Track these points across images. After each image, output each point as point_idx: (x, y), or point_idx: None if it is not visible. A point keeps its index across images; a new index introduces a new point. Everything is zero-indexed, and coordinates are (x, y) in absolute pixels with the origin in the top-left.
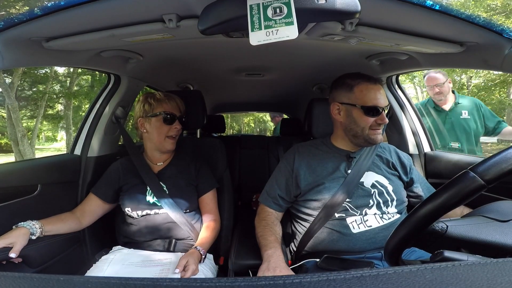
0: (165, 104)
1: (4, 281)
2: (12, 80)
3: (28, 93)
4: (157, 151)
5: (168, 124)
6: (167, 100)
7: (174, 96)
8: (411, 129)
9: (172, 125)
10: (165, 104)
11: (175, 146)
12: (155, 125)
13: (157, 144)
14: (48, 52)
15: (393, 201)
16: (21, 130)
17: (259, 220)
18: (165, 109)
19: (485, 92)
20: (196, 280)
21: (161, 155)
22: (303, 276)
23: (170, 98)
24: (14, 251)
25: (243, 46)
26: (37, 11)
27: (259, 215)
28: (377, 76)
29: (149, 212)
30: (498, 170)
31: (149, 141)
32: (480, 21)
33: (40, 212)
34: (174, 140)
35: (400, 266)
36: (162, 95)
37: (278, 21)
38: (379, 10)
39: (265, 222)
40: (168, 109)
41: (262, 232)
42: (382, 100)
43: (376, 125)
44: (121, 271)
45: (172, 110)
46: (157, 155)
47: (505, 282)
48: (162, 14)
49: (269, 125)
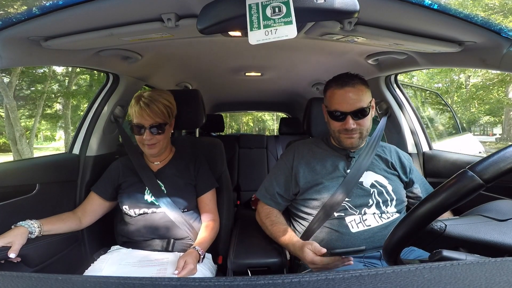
0: (138, 113)
1: (3, 280)
2: (10, 79)
3: (27, 93)
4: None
5: (137, 134)
6: (141, 109)
7: (149, 103)
8: (409, 128)
9: (142, 135)
10: (138, 114)
11: (157, 151)
12: (134, 131)
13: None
14: (46, 52)
15: (392, 201)
16: (20, 130)
17: (263, 219)
18: (136, 119)
19: (483, 91)
20: (194, 279)
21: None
22: (302, 276)
23: (141, 107)
24: (12, 250)
25: (242, 45)
26: (35, 11)
27: (260, 213)
28: (376, 75)
29: (147, 211)
30: (496, 169)
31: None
32: (478, 20)
33: (38, 211)
34: (153, 146)
35: (398, 266)
36: (133, 102)
37: (277, 21)
38: (378, 9)
39: (270, 220)
40: (136, 119)
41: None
42: (346, 105)
43: (344, 131)
44: (118, 271)
45: (140, 120)
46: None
47: (503, 281)
48: (161, 14)
49: (268, 124)
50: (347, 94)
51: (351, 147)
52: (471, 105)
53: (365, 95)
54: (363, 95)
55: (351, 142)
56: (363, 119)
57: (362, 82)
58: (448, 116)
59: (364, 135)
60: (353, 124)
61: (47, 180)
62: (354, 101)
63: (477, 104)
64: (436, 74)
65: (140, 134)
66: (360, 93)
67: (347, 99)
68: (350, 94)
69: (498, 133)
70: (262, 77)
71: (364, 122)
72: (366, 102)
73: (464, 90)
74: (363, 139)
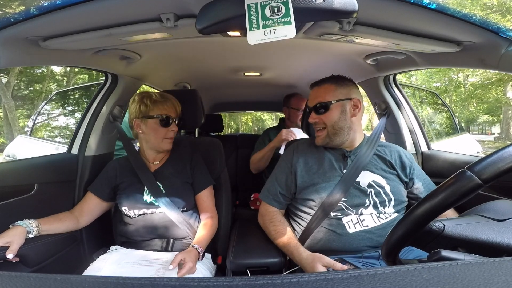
0: (161, 106)
1: (1, 280)
2: (8, 79)
3: (25, 92)
4: (153, 150)
5: (164, 127)
6: (163, 101)
7: (170, 97)
8: (408, 128)
9: (169, 127)
10: (161, 106)
11: (171, 145)
12: (151, 127)
13: (154, 144)
14: (45, 52)
15: (390, 201)
16: (18, 129)
17: (267, 223)
18: (161, 111)
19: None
20: (194, 279)
21: (157, 154)
22: (301, 276)
23: (166, 99)
24: (10, 250)
25: (241, 45)
26: (34, 11)
27: (264, 216)
28: (374, 75)
29: (146, 211)
30: (495, 169)
31: (145, 141)
32: (477, 20)
33: (37, 211)
34: (171, 140)
35: (397, 266)
36: (158, 96)
37: (276, 21)
38: (377, 9)
39: (274, 226)
40: (164, 111)
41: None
42: (310, 101)
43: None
44: (117, 271)
45: (168, 112)
46: (153, 154)
47: (501, 281)
48: (160, 13)
49: (267, 124)
50: (313, 93)
51: (321, 144)
52: (469, 104)
53: (331, 92)
54: (329, 92)
55: (320, 139)
56: (325, 114)
57: (332, 82)
58: (446, 116)
59: (332, 132)
60: (314, 118)
61: (45, 180)
62: (315, 97)
63: (476, 103)
64: (435, 73)
65: (167, 126)
66: (325, 91)
67: (312, 96)
68: (314, 92)
69: (497, 132)
70: (261, 77)
71: (326, 117)
72: (330, 98)
73: (463, 89)
74: (333, 136)
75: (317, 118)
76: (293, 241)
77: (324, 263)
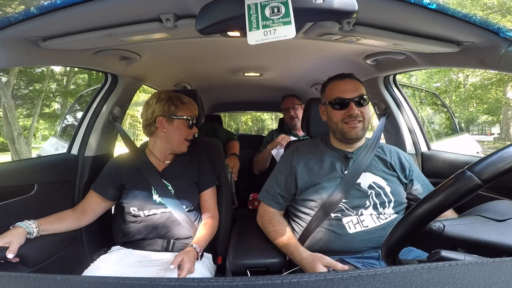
0: (188, 108)
1: (1, 281)
2: (8, 78)
3: (25, 92)
4: (170, 150)
5: (189, 128)
6: (189, 104)
7: (192, 100)
8: (408, 128)
9: (192, 129)
10: (188, 108)
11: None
12: (177, 127)
13: (175, 145)
14: (45, 52)
15: (390, 203)
16: (18, 129)
17: (266, 223)
18: (188, 113)
19: (481, 91)
20: (193, 279)
21: (170, 154)
22: (301, 276)
23: (192, 102)
24: (10, 251)
25: (241, 45)
26: (34, 11)
27: (263, 217)
28: (374, 76)
29: (156, 211)
30: (494, 170)
31: (165, 140)
32: (477, 20)
33: (37, 211)
34: (189, 143)
35: (397, 266)
36: (187, 99)
37: (276, 21)
38: (377, 9)
39: (273, 227)
40: (190, 113)
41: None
42: (348, 92)
43: (348, 118)
44: (118, 271)
45: (194, 114)
46: (167, 154)
47: (501, 281)
48: (160, 14)
49: (266, 124)
50: (348, 84)
51: (356, 137)
52: (469, 105)
53: (362, 88)
54: (361, 87)
55: (356, 132)
56: (365, 107)
57: (356, 78)
58: (446, 116)
59: (366, 126)
60: (357, 110)
61: (45, 180)
62: (354, 89)
63: (476, 103)
64: (435, 73)
65: (192, 127)
66: (358, 84)
67: (348, 87)
68: (350, 84)
69: (496, 133)
70: (261, 77)
71: (366, 110)
72: (365, 92)
73: (463, 89)
74: (365, 130)
75: (358, 111)
76: (293, 241)
77: (324, 263)
